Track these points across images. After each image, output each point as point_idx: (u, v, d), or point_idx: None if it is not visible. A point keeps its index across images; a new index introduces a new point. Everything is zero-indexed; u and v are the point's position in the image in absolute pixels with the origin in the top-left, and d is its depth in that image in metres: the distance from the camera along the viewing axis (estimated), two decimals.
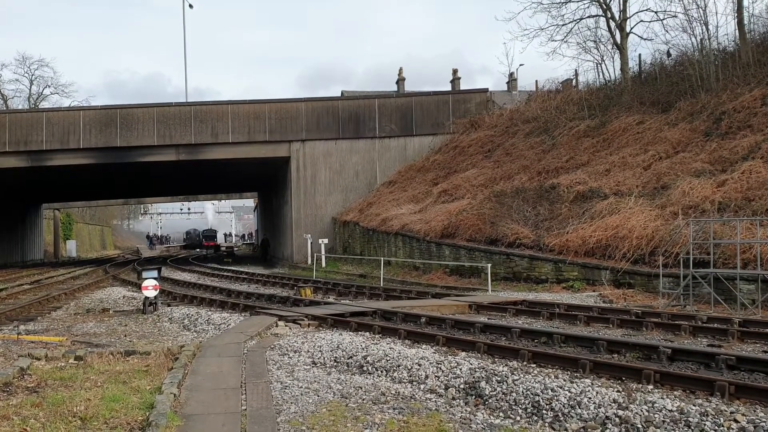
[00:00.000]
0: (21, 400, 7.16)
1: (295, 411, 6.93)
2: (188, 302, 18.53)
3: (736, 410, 6.27)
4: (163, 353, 9.74)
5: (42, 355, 9.87)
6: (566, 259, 18.70)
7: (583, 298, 16.09)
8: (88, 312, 17.35)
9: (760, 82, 21.81)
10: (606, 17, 30.20)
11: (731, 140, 20.00)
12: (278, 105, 36.05)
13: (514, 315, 14.01)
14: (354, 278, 25.63)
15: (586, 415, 6.53)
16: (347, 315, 13.45)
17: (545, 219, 21.33)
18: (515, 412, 6.95)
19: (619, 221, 18.30)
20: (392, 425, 6.43)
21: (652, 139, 22.89)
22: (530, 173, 25.45)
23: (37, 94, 63.58)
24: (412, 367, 8.57)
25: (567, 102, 30.56)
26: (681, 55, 27.46)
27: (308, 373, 8.70)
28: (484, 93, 37.44)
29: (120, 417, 6.41)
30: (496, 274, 20.14)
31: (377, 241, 28.99)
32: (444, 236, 23.82)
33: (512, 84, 45.36)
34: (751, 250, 14.79)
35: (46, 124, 34.84)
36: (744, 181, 17.46)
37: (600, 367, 8.18)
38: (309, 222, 35.44)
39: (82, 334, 13.33)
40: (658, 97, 25.78)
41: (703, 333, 11.16)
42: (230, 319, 14.34)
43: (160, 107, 35.66)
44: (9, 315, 16.62)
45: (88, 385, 7.90)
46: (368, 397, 7.51)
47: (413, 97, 37.55)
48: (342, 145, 35.87)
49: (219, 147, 35.58)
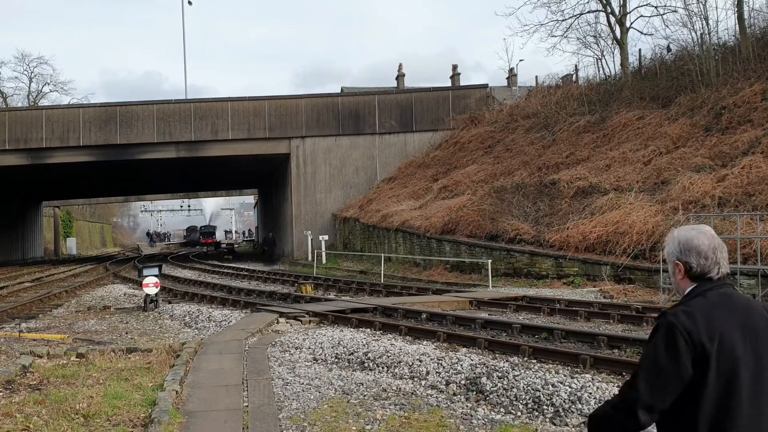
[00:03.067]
0: (23, 397, 7.18)
1: (296, 407, 6.95)
2: (189, 299, 18.55)
3: None
4: (165, 350, 9.76)
5: (44, 352, 9.89)
6: (567, 255, 18.71)
7: (583, 294, 16.11)
8: (90, 309, 17.37)
9: (761, 76, 21.79)
10: (606, 12, 30.17)
11: (731, 135, 19.99)
12: (278, 101, 36.01)
13: (515, 311, 14.04)
14: (354, 275, 25.65)
15: (586, 410, 6.55)
16: (348, 311, 13.48)
17: (545, 215, 21.34)
18: (516, 407, 6.97)
19: (619, 217, 18.32)
20: (393, 421, 6.45)
21: (652, 134, 22.89)
22: (530, 169, 25.44)
23: (37, 92, 63.49)
24: (413, 363, 8.59)
25: (567, 97, 30.52)
26: (681, 50, 27.43)
27: (309, 370, 8.73)
28: (484, 89, 37.40)
29: (122, 414, 6.43)
30: (497, 270, 20.15)
31: (377, 237, 29.00)
32: (444, 232, 23.83)
33: (512, 80, 45.30)
34: (752, 245, 14.81)
35: (46, 122, 34.81)
36: (744, 176, 17.46)
37: (601, 362, 8.20)
38: (309, 218, 35.44)
39: (83, 332, 13.35)
40: (658, 92, 25.76)
41: None
42: (231, 316, 14.36)
43: (160, 104, 35.62)
44: (10, 313, 16.64)
45: (90, 382, 7.92)
46: (369, 393, 7.53)
47: (413, 93, 37.49)
48: (342, 142, 35.85)
49: (219, 144, 35.55)
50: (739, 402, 2.26)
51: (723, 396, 2.26)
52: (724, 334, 2.28)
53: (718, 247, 2.43)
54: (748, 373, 2.28)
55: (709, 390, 2.26)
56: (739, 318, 2.33)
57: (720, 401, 2.26)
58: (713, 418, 2.26)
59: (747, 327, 2.32)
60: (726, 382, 2.27)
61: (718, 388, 2.26)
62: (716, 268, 2.41)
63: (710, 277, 2.41)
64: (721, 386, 2.27)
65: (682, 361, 2.26)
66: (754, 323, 2.33)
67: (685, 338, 2.26)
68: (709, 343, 2.26)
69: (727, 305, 2.35)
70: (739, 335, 2.30)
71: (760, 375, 2.29)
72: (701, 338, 2.26)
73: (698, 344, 2.26)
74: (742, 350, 2.29)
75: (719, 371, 2.26)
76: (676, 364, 2.27)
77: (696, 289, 2.42)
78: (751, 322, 2.33)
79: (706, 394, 2.26)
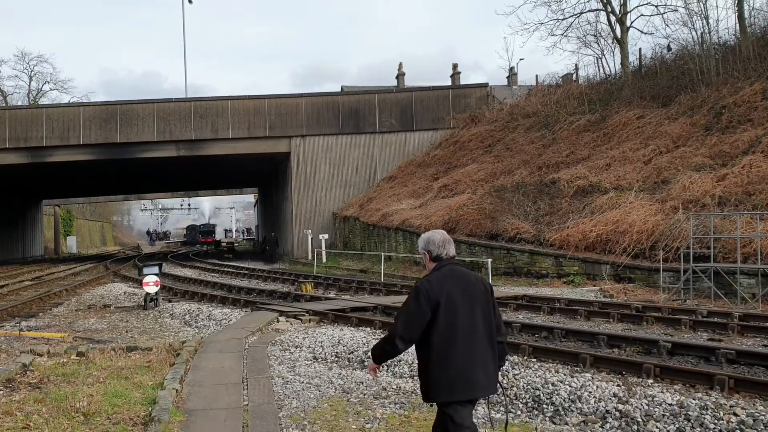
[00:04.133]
0: (24, 396, 7.19)
1: (296, 406, 6.95)
2: (189, 298, 18.57)
3: (735, 404, 6.29)
4: (165, 349, 9.77)
5: (44, 351, 9.90)
6: (567, 254, 18.71)
7: (583, 293, 16.12)
8: (90, 308, 17.38)
9: (761, 76, 21.78)
10: (606, 11, 30.17)
11: (731, 134, 19.99)
12: (278, 100, 36.01)
13: (515, 310, 14.04)
14: (354, 273, 25.66)
15: (586, 409, 6.56)
16: (348, 310, 13.49)
17: (546, 214, 21.34)
18: (516, 406, 6.97)
19: (619, 216, 18.32)
20: (393, 420, 6.45)
21: (652, 133, 22.88)
22: (530, 168, 25.43)
23: (37, 90, 63.48)
24: (413, 362, 8.59)
25: (567, 96, 30.51)
26: (681, 49, 27.42)
27: (309, 369, 8.73)
28: (484, 88, 37.38)
29: (122, 412, 6.44)
30: (497, 269, 20.16)
31: (378, 236, 29.01)
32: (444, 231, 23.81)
33: (512, 79, 45.27)
34: (752, 244, 14.81)
35: (46, 121, 34.80)
36: (744, 176, 17.46)
37: (600, 361, 8.21)
38: (309, 217, 35.44)
39: (83, 330, 13.36)
40: (658, 91, 25.75)
41: (703, 327, 11.18)
42: (231, 314, 14.37)
43: (160, 103, 35.60)
44: (10, 311, 16.66)
45: (91, 380, 7.93)
46: (369, 392, 7.54)
47: (413, 92, 37.47)
48: (342, 141, 35.83)
49: (219, 143, 35.55)
50: (458, 330, 3.82)
51: (448, 327, 3.81)
52: (450, 292, 3.84)
53: (446, 241, 4.05)
54: (463, 315, 3.84)
55: (440, 324, 3.82)
56: (460, 282, 3.91)
57: (447, 330, 3.82)
58: (443, 340, 3.82)
59: (464, 288, 3.90)
60: (450, 319, 3.81)
61: (446, 324, 3.81)
62: (445, 252, 4.02)
63: (442, 258, 4.01)
64: (447, 323, 3.81)
65: (423, 309, 3.81)
66: (469, 285, 3.93)
67: (426, 296, 3.82)
68: (440, 297, 3.81)
69: (452, 275, 3.93)
70: (459, 292, 3.86)
71: (473, 316, 3.86)
72: (436, 295, 3.81)
73: (434, 299, 3.81)
74: (461, 302, 3.85)
75: (446, 313, 3.81)
76: (420, 311, 3.82)
77: (436, 267, 3.99)
78: (467, 285, 3.92)
79: (437, 327, 3.82)
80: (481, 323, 3.89)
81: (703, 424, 5.90)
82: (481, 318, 3.89)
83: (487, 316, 3.92)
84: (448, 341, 3.80)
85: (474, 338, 3.84)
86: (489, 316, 3.93)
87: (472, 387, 3.86)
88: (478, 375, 3.84)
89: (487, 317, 3.92)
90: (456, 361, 3.81)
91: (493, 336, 3.93)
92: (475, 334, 3.85)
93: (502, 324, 4.08)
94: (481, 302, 3.92)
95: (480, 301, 3.91)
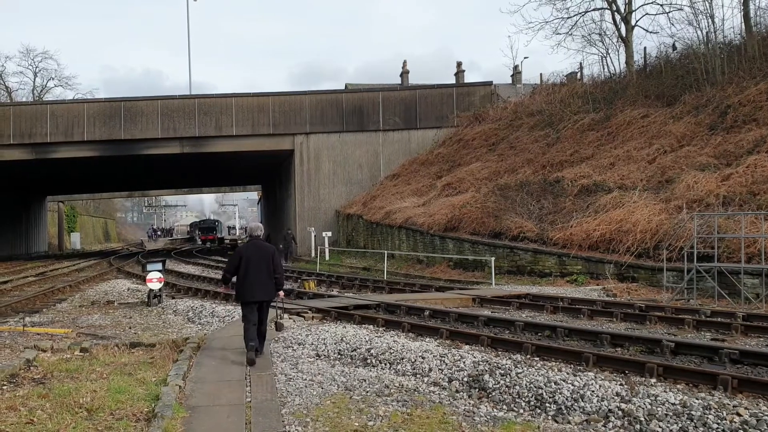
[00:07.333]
0: (27, 391, 7.22)
1: (299, 403, 6.96)
2: (192, 294, 18.59)
3: (738, 404, 6.28)
4: (168, 345, 9.80)
5: (48, 347, 9.93)
6: (570, 253, 18.69)
7: (586, 292, 16.10)
8: (93, 304, 17.42)
9: (766, 75, 21.70)
10: (611, 10, 30.06)
11: (736, 134, 19.93)
12: (282, 98, 36.03)
13: (518, 308, 14.04)
14: (358, 271, 25.67)
15: (589, 408, 6.55)
16: (351, 308, 13.50)
17: (549, 212, 21.31)
18: (518, 405, 6.97)
19: (623, 215, 18.28)
20: (396, 418, 6.46)
21: (656, 132, 22.82)
22: (534, 167, 25.40)
23: (41, 87, 63.61)
24: (416, 360, 8.59)
25: (571, 95, 30.44)
26: (686, 49, 27.32)
27: (312, 366, 8.74)
28: (488, 86, 37.33)
29: (126, 408, 6.46)
30: (500, 268, 20.14)
31: (381, 234, 29.01)
32: (448, 229, 23.83)
33: (516, 77, 45.21)
34: (756, 244, 14.78)
35: (51, 117, 34.88)
36: (749, 175, 17.41)
37: (603, 360, 8.20)
38: (312, 215, 35.48)
39: (87, 326, 13.39)
40: (663, 90, 25.67)
41: (706, 327, 11.16)
42: (234, 311, 14.34)
43: (164, 100, 35.66)
44: (14, 307, 16.71)
45: (94, 376, 7.95)
46: (372, 390, 7.54)
47: (417, 90, 37.45)
48: (346, 138, 35.84)
49: (223, 140, 35.60)
50: (250, 269, 8.66)
51: (246, 268, 8.68)
52: (248, 253, 8.79)
53: (255, 228, 9.24)
54: (254, 263, 8.69)
55: (242, 267, 8.70)
56: (256, 248, 8.86)
57: (244, 269, 8.68)
58: (242, 273, 8.70)
59: (256, 250, 8.82)
60: (247, 264, 8.68)
61: (245, 267, 8.69)
62: (255, 235, 9.09)
63: (252, 236, 9.11)
64: (245, 267, 8.68)
65: (236, 259, 8.83)
66: (259, 249, 8.86)
67: (238, 252, 8.94)
68: (244, 253, 8.80)
69: (254, 245, 8.91)
70: (254, 252, 8.79)
71: (259, 264, 8.69)
72: (241, 252, 8.87)
73: (243, 255, 8.78)
74: (254, 257, 8.72)
75: (246, 261, 8.70)
76: (236, 260, 8.82)
77: (247, 240, 9.27)
78: (258, 249, 8.85)
79: (241, 267, 8.71)
80: (264, 268, 8.66)
81: (706, 423, 5.89)
82: (264, 265, 8.67)
83: (268, 265, 8.69)
84: (245, 274, 8.65)
85: (258, 274, 8.63)
86: (269, 265, 8.69)
87: (254, 295, 8.62)
88: (257, 291, 8.63)
89: (268, 265, 8.69)
90: (246, 283, 8.62)
91: (271, 273, 8.70)
92: (260, 272, 8.64)
93: (280, 270, 8.86)
94: (266, 258, 8.71)
95: (264, 257, 8.71)
